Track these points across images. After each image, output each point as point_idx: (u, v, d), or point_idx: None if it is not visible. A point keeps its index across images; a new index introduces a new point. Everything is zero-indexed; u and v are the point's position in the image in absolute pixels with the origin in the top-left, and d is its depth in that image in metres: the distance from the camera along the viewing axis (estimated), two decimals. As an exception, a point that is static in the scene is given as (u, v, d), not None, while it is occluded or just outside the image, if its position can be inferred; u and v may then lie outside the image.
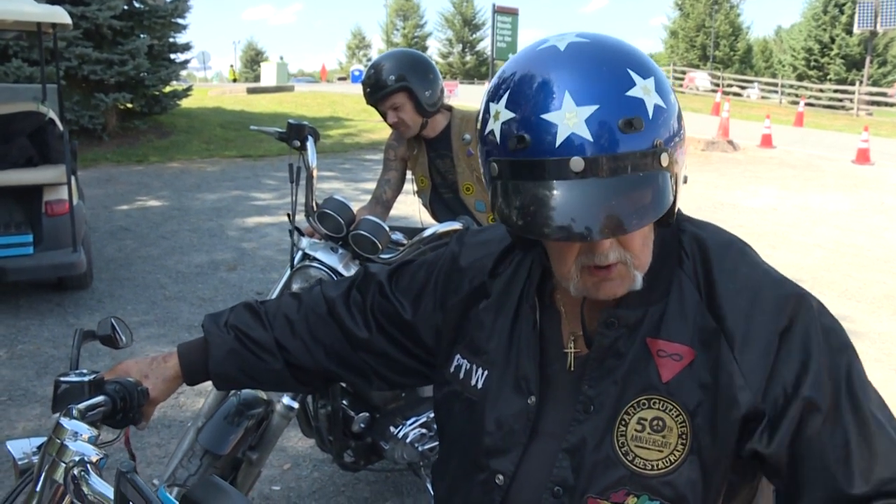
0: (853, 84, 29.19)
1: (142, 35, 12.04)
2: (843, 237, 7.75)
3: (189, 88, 14.08)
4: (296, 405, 2.23)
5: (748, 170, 12.40)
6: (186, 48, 13.76)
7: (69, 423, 0.96)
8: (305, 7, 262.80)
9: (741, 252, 0.99)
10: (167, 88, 13.01)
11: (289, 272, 2.37)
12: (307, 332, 1.21)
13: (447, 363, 1.11)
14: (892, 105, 28.72)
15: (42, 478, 0.95)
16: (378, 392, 2.37)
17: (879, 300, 5.65)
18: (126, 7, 11.74)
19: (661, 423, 0.92)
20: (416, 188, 2.90)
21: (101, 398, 1.06)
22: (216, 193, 9.25)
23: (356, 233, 2.30)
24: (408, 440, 2.39)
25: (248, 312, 1.23)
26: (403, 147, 2.83)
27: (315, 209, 2.36)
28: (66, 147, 4.96)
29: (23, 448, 1.03)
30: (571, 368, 1.00)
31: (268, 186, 9.77)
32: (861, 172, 12.45)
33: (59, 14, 5.03)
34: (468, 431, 1.05)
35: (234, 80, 41.80)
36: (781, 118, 20.25)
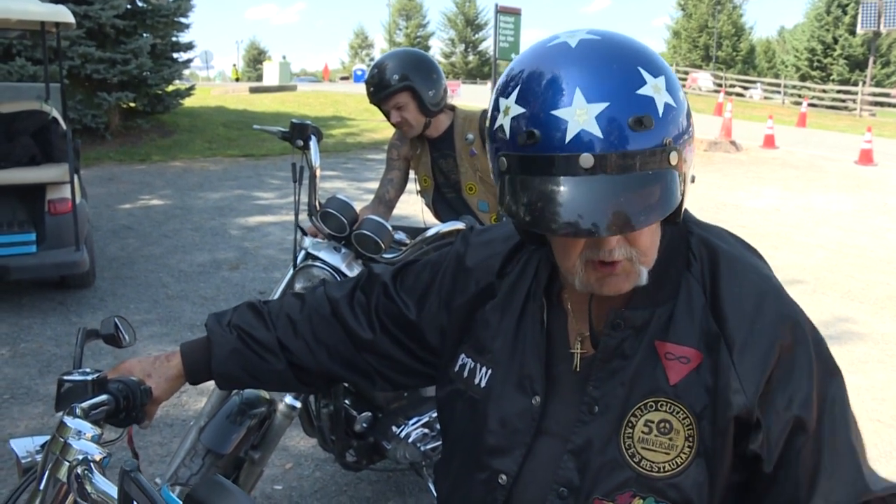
0: (856, 85, 29.15)
1: (145, 34, 12.04)
2: (846, 238, 7.73)
3: (192, 88, 14.07)
4: (298, 405, 2.23)
5: (751, 170, 12.39)
6: (189, 47, 13.77)
7: (72, 422, 0.96)
8: (308, 6, 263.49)
9: (752, 261, 1.00)
10: (170, 88, 13.00)
11: (291, 271, 2.37)
12: (310, 333, 1.21)
13: (452, 362, 1.11)
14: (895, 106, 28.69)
15: (45, 476, 0.95)
16: (380, 392, 2.37)
17: (882, 301, 5.64)
18: (129, 6, 11.73)
19: (668, 426, 0.92)
20: (419, 188, 2.89)
21: (105, 397, 1.06)
22: (219, 192, 9.26)
23: (359, 232, 2.30)
24: (410, 440, 2.39)
25: (252, 312, 1.23)
26: (406, 147, 2.83)
27: (318, 208, 2.36)
28: (69, 146, 4.96)
29: (26, 446, 1.03)
30: (577, 369, 1.00)
31: (270, 186, 9.78)
32: (864, 173, 12.44)
33: (63, 13, 5.05)
34: (471, 430, 1.05)
35: (237, 80, 41.79)
36: (784, 119, 20.24)
